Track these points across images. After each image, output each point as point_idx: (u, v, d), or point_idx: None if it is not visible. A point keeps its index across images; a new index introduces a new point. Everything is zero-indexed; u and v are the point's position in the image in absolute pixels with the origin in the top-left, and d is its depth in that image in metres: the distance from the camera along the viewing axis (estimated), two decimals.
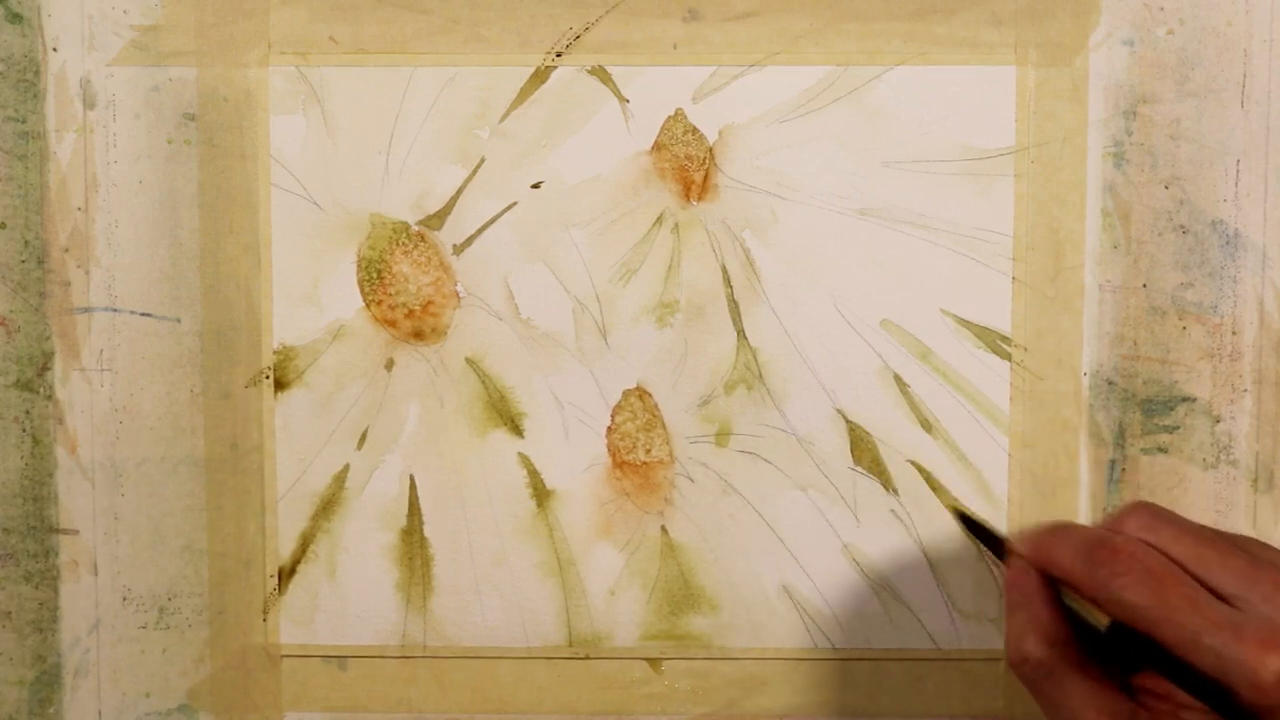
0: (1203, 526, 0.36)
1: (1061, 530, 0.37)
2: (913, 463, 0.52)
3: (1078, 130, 0.51)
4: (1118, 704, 0.35)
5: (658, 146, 0.52)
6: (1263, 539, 0.52)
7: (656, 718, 0.53)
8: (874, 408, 0.52)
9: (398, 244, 0.52)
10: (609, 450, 0.52)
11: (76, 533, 0.52)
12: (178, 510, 0.53)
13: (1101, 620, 0.37)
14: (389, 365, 0.53)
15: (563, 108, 0.52)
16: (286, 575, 0.53)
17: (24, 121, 0.51)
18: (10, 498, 0.52)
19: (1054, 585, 0.37)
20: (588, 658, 0.53)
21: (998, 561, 0.42)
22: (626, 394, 0.52)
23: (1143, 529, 0.36)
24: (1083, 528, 0.38)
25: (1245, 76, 0.51)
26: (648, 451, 0.52)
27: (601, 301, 0.52)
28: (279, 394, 0.52)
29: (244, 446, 0.53)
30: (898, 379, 0.52)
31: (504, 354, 0.52)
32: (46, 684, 0.53)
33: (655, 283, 0.52)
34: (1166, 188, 0.51)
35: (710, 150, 0.52)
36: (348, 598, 0.53)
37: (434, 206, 0.52)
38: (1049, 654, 0.36)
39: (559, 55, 0.51)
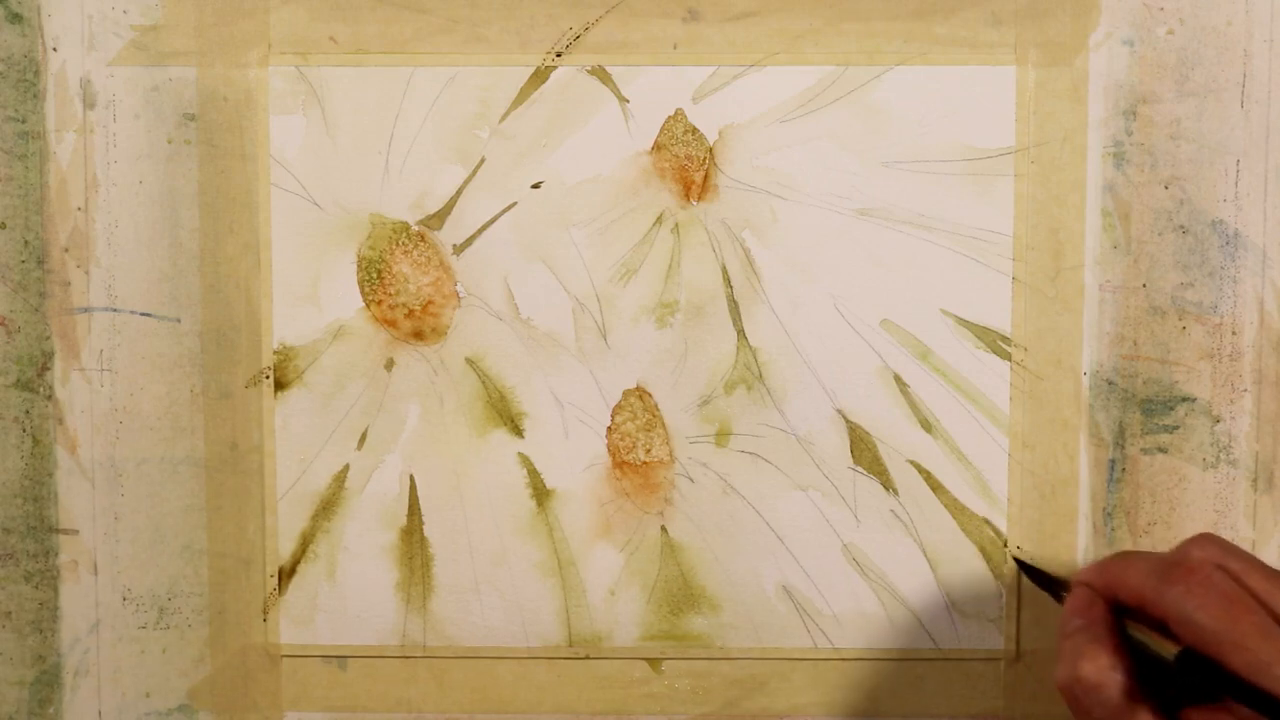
0: (1266, 564, 0.36)
1: (1129, 554, 0.37)
2: (913, 463, 0.52)
3: (1078, 130, 0.51)
4: None
5: (658, 146, 0.52)
6: (1262, 539, 0.52)
7: (656, 718, 0.53)
8: (874, 408, 0.52)
9: (398, 244, 0.52)
10: (609, 450, 0.52)
11: (76, 533, 0.52)
12: (178, 510, 0.53)
13: (1168, 650, 0.36)
14: (389, 365, 0.53)
15: (563, 108, 0.52)
16: (286, 575, 0.53)
17: (24, 121, 0.51)
18: (10, 498, 0.52)
19: (1118, 619, 0.37)
20: (588, 658, 0.53)
21: (1058, 602, 0.42)
22: (626, 394, 0.52)
23: (1212, 558, 0.36)
24: (1152, 553, 0.38)
25: (1245, 76, 0.51)
26: (648, 451, 0.52)
27: (601, 301, 0.52)
28: (279, 394, 0.52)
29: (244, 446, 0.53)
30: (898, 379, 0.52)
31: (504, 354, 0.52)
32: (46, 684, 0.53)
33: (655, 283, 0.52)
34: (1166, 188, 0.51)
35: (710, 150, 0.52)
36: (348, 598, 0.53)
37: (434, 206, 0.52)
38: (1107, 678, 0.35)
39: (559, 55, 0.51)
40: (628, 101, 0.52)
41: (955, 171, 0.51)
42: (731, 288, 0.52)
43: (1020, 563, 0.44)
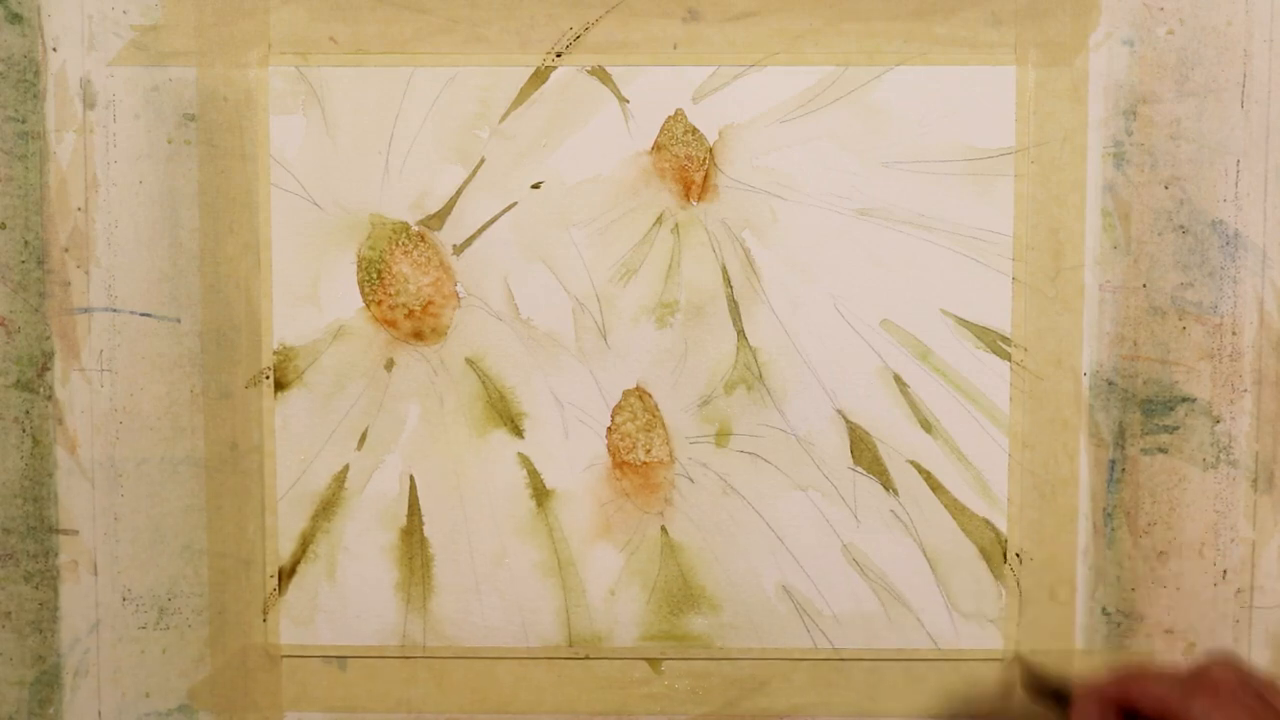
0: None
1: (1143, 666, 0.41)
2: (913, 463, 0.52)
3: (1078, 130, 0.51)
4: None
5: (658, 146, 0.52)
6: (1262, 539, 0.52)
7: (656, 718, 0.53)
8: (874, 408, 0.52)
9: (398, 244, 0.52)
10: (609, 450, 0.52)
11: (76, 533, 0.52)
12: (178, 510, 0.53)
13: None
14: (389, 365, 0.53)
15: (563, 108, 0.52)
16: (286, 575, 0.53)
17: (24, 121, 0.51)
18: (10, 498, 0.52)
19: None
20: (588, 658, 0.53)
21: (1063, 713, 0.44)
22: (626, 394, 0.52)
23: (1235, 677, 0.39)
24: (1167, 665, 0.41)
25: (1245, 76, 0.51)
26: (648, 451, 0.52)
27: (601, 301, 0.52)
28: (279, 394, 0.52)
29: (244, 446, 0.53)
30: (898, 379, 0.52)
31: (504, 354, 0.52)
32: (46, 684, 0.53)
33: (655, 283, 0.52)
34: (1166, 188, 0.51)
35: (710, 150, 0.52)
36: (348, 598, 0.53)
37: (434, 206, 0.52)
38: None
39: (559, 55, 0.51)
40: (628, 101, 0.52)
41: (955, 171, 0.51)
42: (731, 288, 0.52)
43: (1024, 673, 0.45)
